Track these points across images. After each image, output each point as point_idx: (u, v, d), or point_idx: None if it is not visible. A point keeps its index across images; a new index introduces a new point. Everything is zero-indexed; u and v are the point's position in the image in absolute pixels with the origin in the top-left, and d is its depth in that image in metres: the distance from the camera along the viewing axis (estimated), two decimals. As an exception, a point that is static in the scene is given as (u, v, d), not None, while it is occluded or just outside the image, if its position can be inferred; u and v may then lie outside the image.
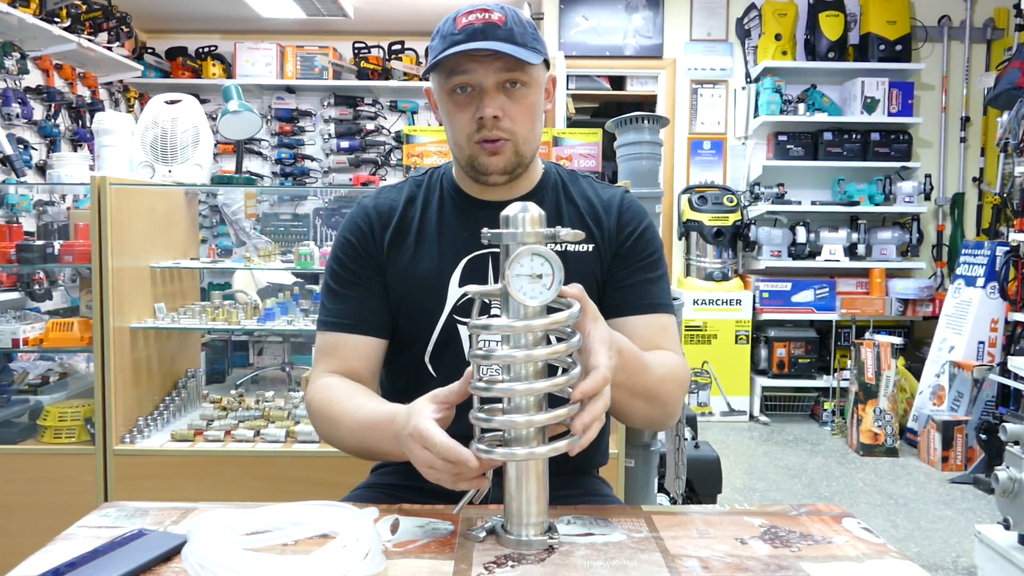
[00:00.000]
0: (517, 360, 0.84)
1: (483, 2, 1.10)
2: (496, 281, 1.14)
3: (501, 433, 0.88)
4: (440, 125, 1.21)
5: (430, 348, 1.16)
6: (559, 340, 0.88)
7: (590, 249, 1.18)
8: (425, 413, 0.88)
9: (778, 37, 4.70)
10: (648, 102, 5.40)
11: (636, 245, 1.19)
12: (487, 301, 1.12)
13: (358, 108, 5.54)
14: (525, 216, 0.86)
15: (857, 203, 4.71)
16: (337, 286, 1.18)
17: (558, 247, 1.16)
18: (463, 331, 1.15)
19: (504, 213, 0.87)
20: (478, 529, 0.91)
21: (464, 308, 1.15)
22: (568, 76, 5.01)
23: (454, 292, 1.15)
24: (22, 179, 3.16)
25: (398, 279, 1.17)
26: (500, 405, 0.89)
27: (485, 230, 0.88)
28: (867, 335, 4.23)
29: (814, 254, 4.70)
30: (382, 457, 1.07)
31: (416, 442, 0.87)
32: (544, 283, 0.83)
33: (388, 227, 1.18)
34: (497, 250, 1.16)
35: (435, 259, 1.16)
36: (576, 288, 0.87)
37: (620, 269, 1.18)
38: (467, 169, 1.15)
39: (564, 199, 1.21)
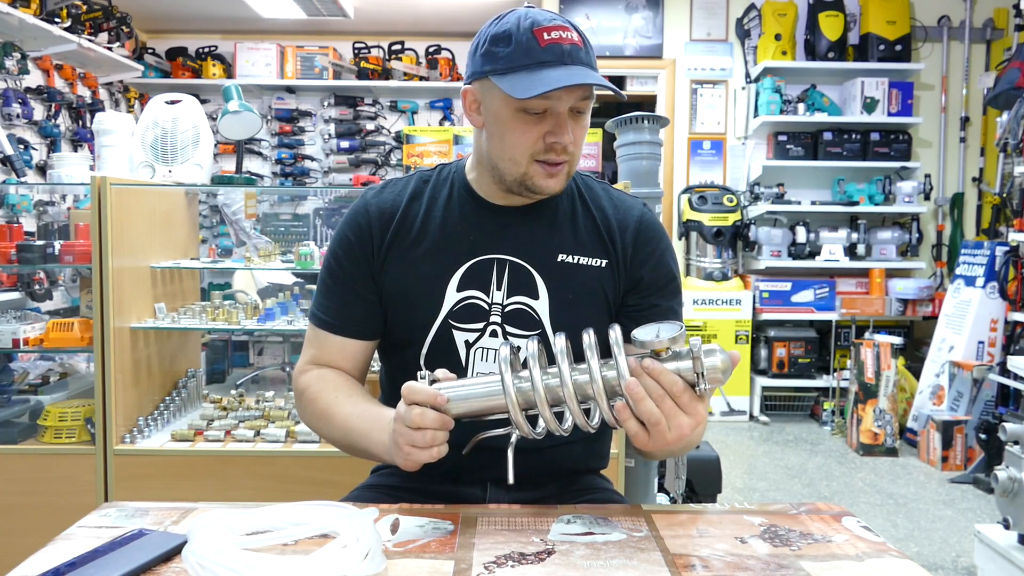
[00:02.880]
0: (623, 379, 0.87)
1: (551, 14, 1.07)
2: (500, 288, 1.14)
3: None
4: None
5: (424, 351, 1.15)
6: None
7: (603, 265, 1.16)
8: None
9: (778, 37, 4.70)
10: (648, 102, 5.40)
11: (654, 272, 1.17)
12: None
13: (358, 108, 5.54)
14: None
15: (857, 203, 4.71)
16: (331, 281, 1.18)
17: (571, 259, 1.16)
18: (459, 336, 1.14)
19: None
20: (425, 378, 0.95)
21: (459, 313, 1.13)
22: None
23: (451, 296, 1.13)
24: (22, 179, 3.16)
25: (395, 278, 1.15)
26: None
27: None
28: (867, 335, 4.23)
29: (814, 254, 4.70)
30: (366, 455, 1.07)
31: (403, 402, 0.92)
32: (660, 338, 0.88)
33: (389, 226, 1.16)
34: (503, 256, 1.14)
35: (435, 261, 1.14)
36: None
37: (636, 295, 1.17)
38: (514, 185, 1.11)
39: (580, 208, 1.19)
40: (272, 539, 0.85)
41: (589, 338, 0.89)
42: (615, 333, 0.89)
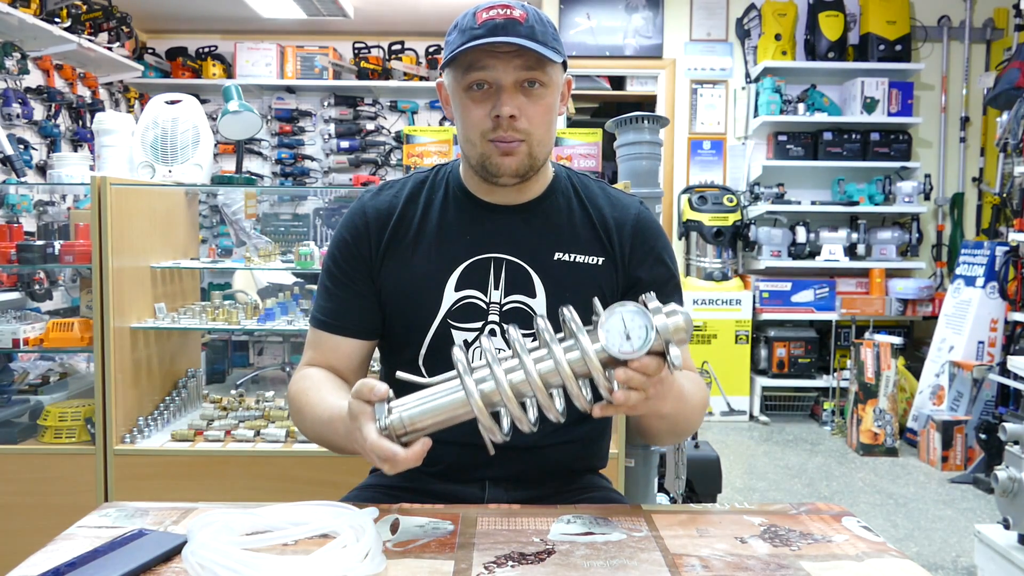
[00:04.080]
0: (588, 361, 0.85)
1: None
2: (497, 287, 1.14)
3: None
4: (450, 123, 1.20)
5: (423, 351, 1.15)
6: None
7: (601, 263, 1.16)
8: (365, 428, 0.88)
9: (778, 37, 4.70)
10: (648, 102, 5.40)
11: (653, 271, 1.17)
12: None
13: (358, 108, 5.54)
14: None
15: (857, 203, 4.71)
16: (330, 283, 1.19)
17: (568, 257, 1.15)
18: (457, 336, 1.14)
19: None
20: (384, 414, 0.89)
21: (458, 313, 1.14)
22: (568, 76, 5.01)
23: (450, 295, 1.13)
24: (22, 179, 3.16)
25: (393, 279, 1.15)
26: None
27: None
28: (867, 335, 4.23)
29: (814, 254, 4.70)
30: (341, 452, 1.07)
31: (374, 454, 0.88)
32: (632, 344, 0.85)
33: (386, 228, 1.16)
34: (500, 255, 1.14)
35: (433, 261, 1.15)
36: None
37: (636, 294, 1.17)
38: (477, 169, 1.12)
39: (577, 206, 1.19)
40: (272, 539, 0.85)
41: (543, 323, 0.88)
42: (569, 312, 0.88)
